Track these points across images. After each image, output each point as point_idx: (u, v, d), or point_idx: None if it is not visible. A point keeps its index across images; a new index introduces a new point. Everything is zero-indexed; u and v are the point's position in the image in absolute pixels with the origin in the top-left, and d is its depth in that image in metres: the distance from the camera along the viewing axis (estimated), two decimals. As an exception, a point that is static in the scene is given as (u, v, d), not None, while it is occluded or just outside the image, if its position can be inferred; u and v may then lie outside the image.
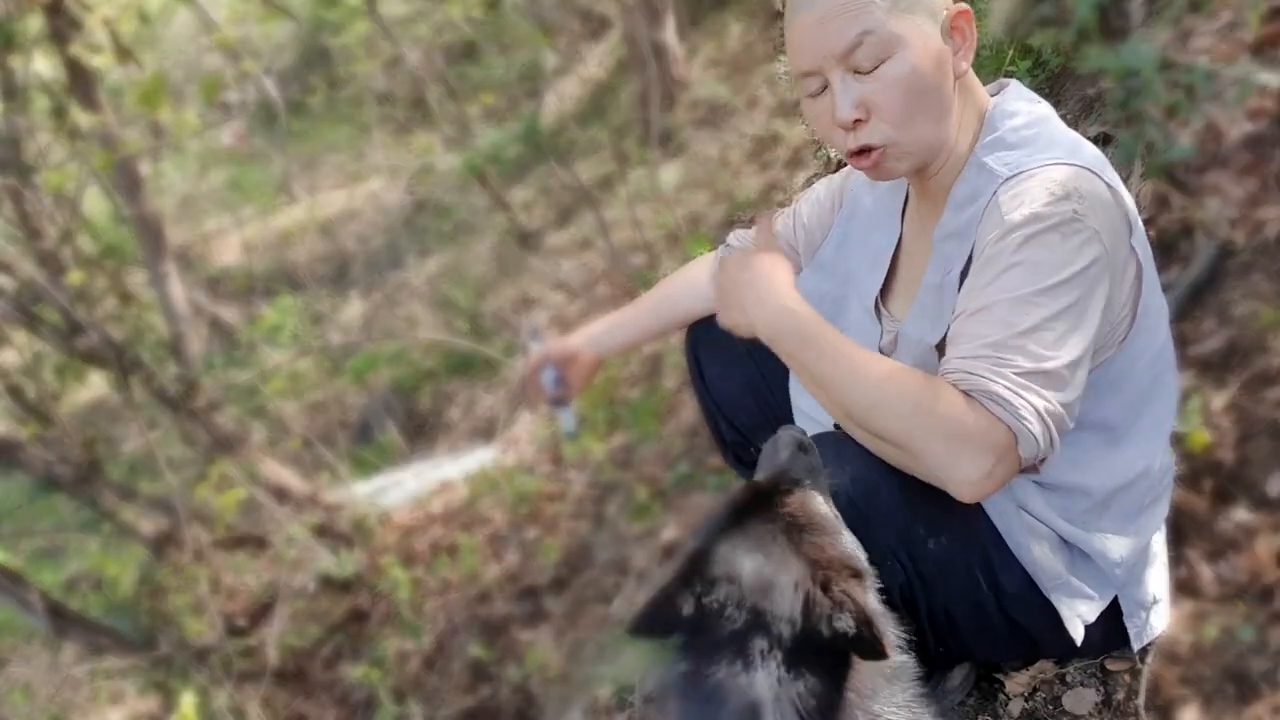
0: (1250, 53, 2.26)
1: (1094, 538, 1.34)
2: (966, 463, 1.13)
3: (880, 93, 1.24)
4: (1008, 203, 1.21)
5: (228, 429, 4.36)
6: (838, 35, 1.23)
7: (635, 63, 5.81)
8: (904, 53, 1.23)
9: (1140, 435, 1.35)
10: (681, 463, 3.29)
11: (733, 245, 1.73)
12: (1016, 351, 1.15)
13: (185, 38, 7.81)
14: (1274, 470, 1.72)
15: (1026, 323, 1.15)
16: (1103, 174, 1.23)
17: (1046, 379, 1.14)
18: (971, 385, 1.15)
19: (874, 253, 1.51)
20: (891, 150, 1.29)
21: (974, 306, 1.20)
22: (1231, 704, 1.47)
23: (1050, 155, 1.23)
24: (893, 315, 1.47)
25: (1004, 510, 1.31)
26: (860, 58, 1.23)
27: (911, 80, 1.24)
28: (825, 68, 1.26)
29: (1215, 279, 2.05)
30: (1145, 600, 1.43)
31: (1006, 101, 1.33)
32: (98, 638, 3.91)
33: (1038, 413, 1.13)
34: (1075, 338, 1.16)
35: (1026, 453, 1.15)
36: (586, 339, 1.77)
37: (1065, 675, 1.57)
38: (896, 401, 1.17)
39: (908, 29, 1.23)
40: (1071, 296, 1.15)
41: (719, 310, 1.39)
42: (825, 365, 1.22)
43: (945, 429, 1.14)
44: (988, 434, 1.13)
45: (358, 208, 7.16)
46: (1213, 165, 2.18)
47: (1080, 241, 1.16)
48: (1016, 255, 1.17)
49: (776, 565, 1.07)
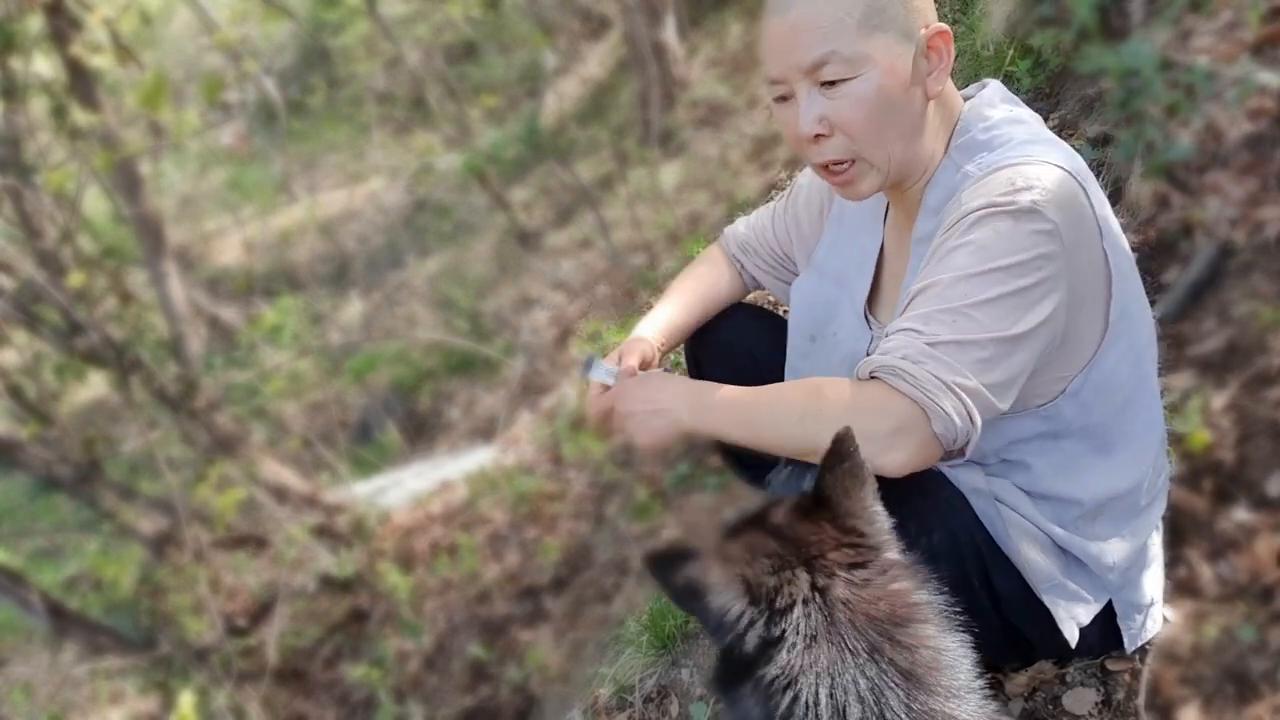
0: (1250, 53, 2.26)
1: (1088, 544, 1.34)
2: (866, 442, 1.11)
3: (844, 110, 1.23)
4: (969, 194, 1.20)
5: (228, 429, 4.36)
6: (805, 50, 1.21)
7: (635, 63, 5.81)
8: (870, 73, 1.21)
9: (1129, 441, 1.34)
10: (681, 463, 3.29)
11: (597, 369, 1.55)
12: (940, 324, 1.13)
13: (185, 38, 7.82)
14: (1274, 470, 1.72)
15: (960, 299, 1.13)
16: (1077, 175, 1.21)
17: (965, 351, 1.12)
18: (875, 365, 1.15)
19: (861, 255, 1.50)
20: (859, 167, 1.28)
21: (916, 288, 1.19)
22: (1231, 704, 1.47)
23: (1021, 153, 1.21)
24: (879, 320, 1.47)
25: (995, 514, 1.31)
26: (825, 74, 1.22)
27: (876, 101, 1.22)
28: (791, 78, 1.25)
29: (1215, 279, 2.05)
30: (1140, 603, 1.43)
31: (981, 104, 1.32)
32: (98, 637, 3.92)
33: (947, 386, 1.11)
34: (1013, 321, 1.13)
35: (940, 428, 1.12)
36: (650, 356, 1.61)
37: (1065, 675, 1.57)
38: (785, 417, 1.22)
39: (877, 49, 1.21)
40: (1015, 282, 1.13)
41: (639, 440, 1.37)
42: (732, 418, 1.27)
43: (836, 419, 1.14)
44: (877, 407, 1.13)
45: (358, 208, 7.16)
46: (1213, 165, 2.18)
47: (1033, 230, 1.13)
48: (964, 237, 1.16)
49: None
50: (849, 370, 1.48)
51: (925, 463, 1.17)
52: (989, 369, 1.13)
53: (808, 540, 1.02)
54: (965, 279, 1.14)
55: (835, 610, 0.97)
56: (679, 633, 2.00)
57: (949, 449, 1.17)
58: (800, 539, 1.03)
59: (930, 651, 0.97)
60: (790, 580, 0.99)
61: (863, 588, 1.00)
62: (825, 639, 0.96)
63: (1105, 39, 2.45)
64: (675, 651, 1.98)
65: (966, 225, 1.17)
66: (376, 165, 7.08)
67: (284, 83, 7.26)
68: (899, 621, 0.98)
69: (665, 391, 1.36)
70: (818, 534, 1.03)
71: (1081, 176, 1.22)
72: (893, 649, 0.96)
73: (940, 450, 1.16)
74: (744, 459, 1.76)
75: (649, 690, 1.95)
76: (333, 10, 6.77)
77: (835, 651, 0.95)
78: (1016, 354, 1.15)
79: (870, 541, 1.04)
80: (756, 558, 1.01)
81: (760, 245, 1.72)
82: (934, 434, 1.13)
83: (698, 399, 1.32)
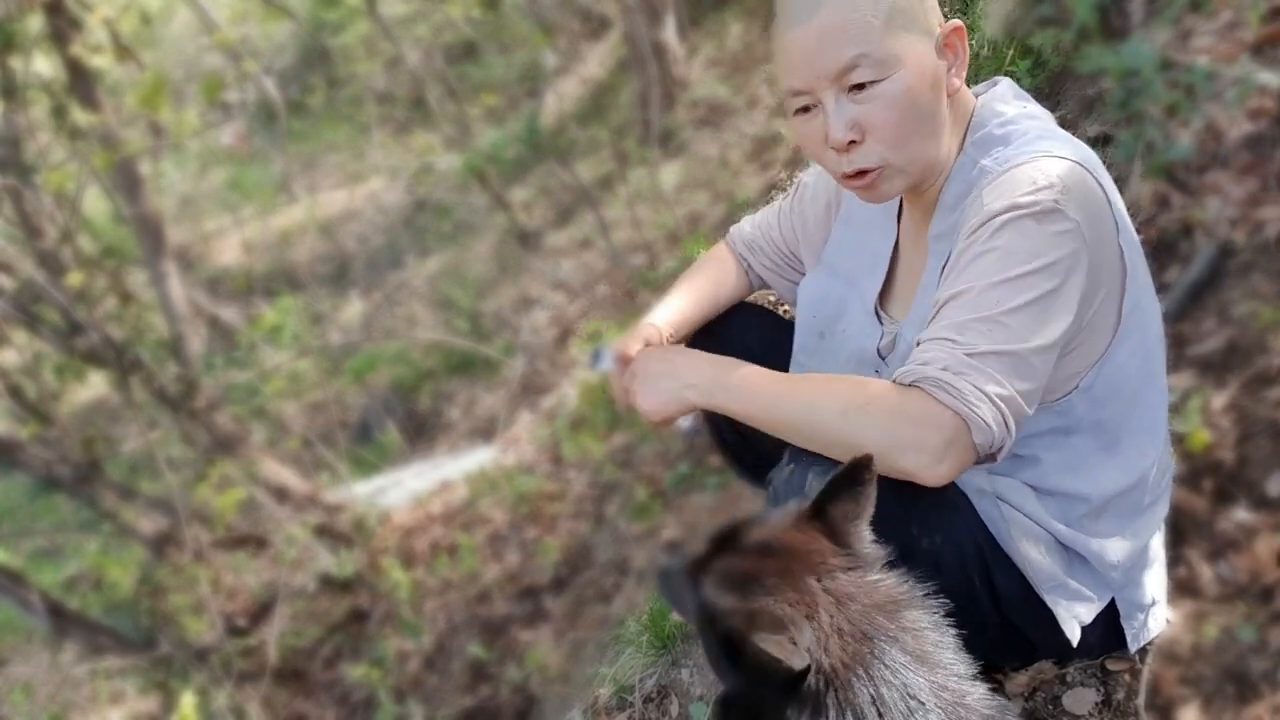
0: (1250, 53, 2.26)
1: (1091, 541, 1.34)
2: (917, 453, 1.13)
3: (876, 114, 1.22)
4: (990, 193, 1.20)
5: (228, 429, 4.36)
6: (834, 56, 1.20)
7: (635, 63, 5.81)
8: (900, 73, 1.21)
9: (1135, 437, 1.34)
10: (681, 463, 3.29)
11: (605, 359, 1.57)
12: (977, 334, 1.13)
13: (185, 38, 7.82)
14: (1274, 470, 1.73)
15: (992, 307, 1.14)
16: (1093, 170, 1.22)
17: (1002, 361, 1.13)
18: (917, 375, 1.15)
19: (872, 255, 1.50)
20: (886, 171, 1.27)
21: (946, 295, 1.19)
22: (1231, 704, 1.47)
23: (1038, 149, 1.22)
24: (892, 317, 1.47)
25: (996, 513, 1.31)
26: (855, 78, 1.20)
27: (907, 101, 1.22)
28: (818, 88, 1.23)
29: (1215, 279, 2.05)
30: (1143, 602, 1.43)
31: (994, 100, 1.32)
32: (98, 638, 3.92)
33: (987, 397, 1.11)
34: (1043, 326, 1.14)
35: (980, 439, 1.13)
36: (657, 340, 1.59)
37: (1065, 675, 1.57)
38: (825, 409, 1.20)
39: (904, 48, 1.21)
40: (1043, 286, 1.13)
41: (643, 404, 1.37)
42: (758, 400, 1.27)
43: (878, 422, 1.15)
44: (927, 419, 1.13)
45: (358, 208, 7.16)
46: (1213, 165, 2.18)
47: (1057, 231, 1.14)
48: (991, 242, 1.16)
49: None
50: (856, 367, 1.48)
51: (962, 472, 1.18)
52: (1023, 376, 1.14)
53: (808, 551, 1.04)
54: (995, 286, 1.14)
55: (847, 607, 0.99)
56: (679, 633, 2.00)
57: (983, 456, 1.18)
58: (799, 551, 1.04)
59: (933, 636, 1.00)
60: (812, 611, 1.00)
61: (862, 582, 1.03)
62: (846, 636, 0.98)
63: (1105, 39, 2.45)
64: (675, 651, 1.98)
65: (992, 230, 1.16)
66: (376, 165, 7.08)
67: (284, 83, 7.26)
68: (898, 608, 1.01)
69: (682, 360, 1.36)
70: (816, 546, 1.05)
71: (1097, 171, 1.23)
72: (900, 632, 0.98)
73: (975, 459, 1.17)
74: (744, 458, 1.76)
75: (649, 690, 1.95)
76: (333, 10, 6.78)
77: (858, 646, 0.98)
78: (1048, 358, 1.16)
79: (864, 561, 1.06)
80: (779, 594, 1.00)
81: (766, 244, 1.72)
82: (974, 444, 1.14)
83: (722, 374, 1.31)
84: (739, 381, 1.29)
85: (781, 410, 1.25)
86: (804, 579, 1.01)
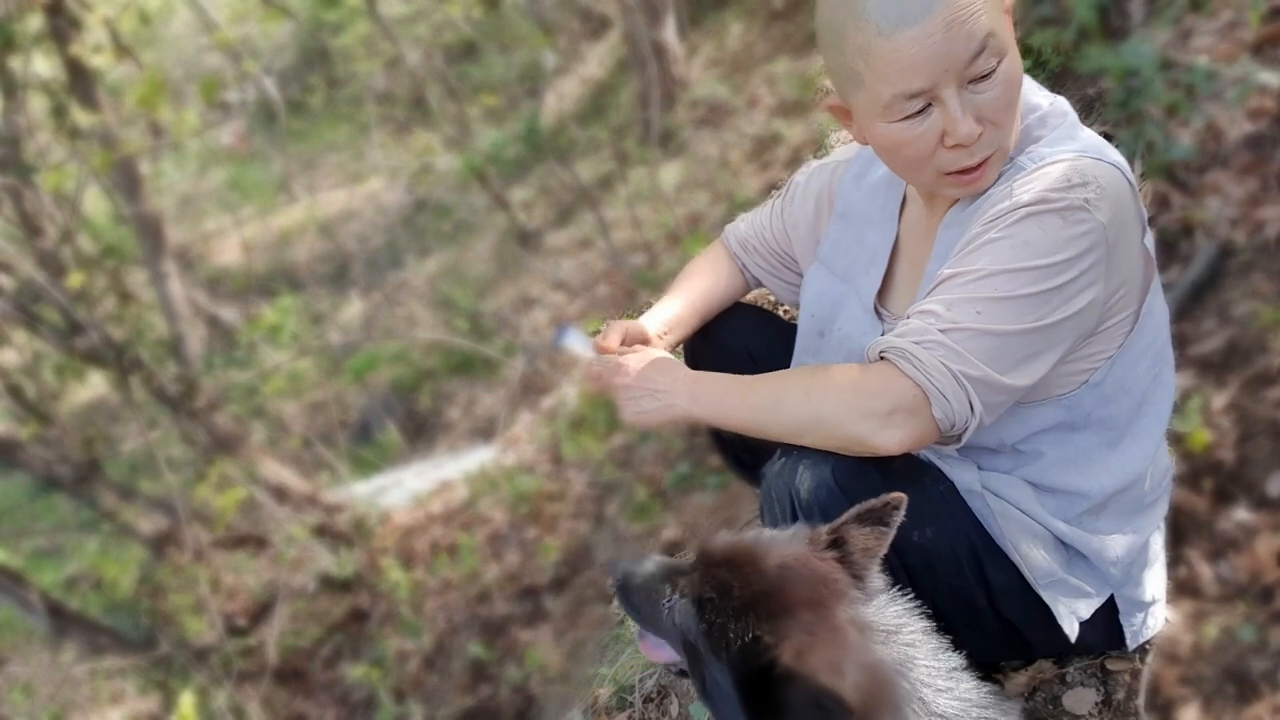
0: (1250, 53, 2.26)
1: (1091, 538, 1.34)
2: (865, 419, 1.15)
3: (994, 99, 1.18)
4: (1021, 185, 1.18)
5: (228, 429, 4.36)
6: (965, 41, 1.13)
7: (635, 62, 5.81)
8: (1011, 53, 1.18)
9: (1138, 435, 1.34)
10: (681, 463, 3.28)
11: (571, 337, 1.57)
12: (962, 311, 1.13)
13: (185, 38, 7.82)
14: (1274, 470, 1.73)
15: (990, 290, 1.13)
16: (1126, 173, 1.21)
17: (977, 340, 1.12)
18: (886, 345, 1.16)
19: (870, 252, 1.50)
20: (995, 157, 1.22)
21: (949, 272, 1.18)
22: (1231, 704, 1.47)
23: (1074, 147, 1.21)
24: (893, 314, 1.47)
25: (989, 509, 1.31)
26: (982, 65, 1.15)
27: (1015, 78, 1.19)
28: (941, 83, 1.15)
29: (1215, 279, 2.05)
30: (1142, 600, 1.43)
31: (1028, 91, 1.29)
32: (98, 637, 3.92)
33: (950, 372, 1.11)
34: (1041, 319, 1.13)
35: (939, 413, 1.13)
36: (638, 335, 1.60)
37: (1065, 675, 1.57)
38: (788, 393, 1.23)
39: (1005, 27, 1.18)
40: (1051, 281, 1.13)
41: (629, 419, 1.39)
42: (732, 400, 1.29)
43: (839, 396, 1.17)
44: (885, 388, 1.14)
45: (358, 208, 7.16)
46: (1213, 165, 2.18)
47: (1081, 232, 1.13)
48: (1010, 230, 1.15)
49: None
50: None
51: (921, 444, 1.19)
52: (1002, 359, 1.13)
53: (833, 580, 1.04)
54: (1001, 273, 1.13)
55: (876, 639, 1.01)
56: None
57: (947, 434, 1.18)
58: (825, 579, 1.04)
59: (948, 665, 1.03)
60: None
61: (881, 614, 1.05)
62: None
63: (1105, 39, 2.45)
64: (675, 651, 1.98)
65: (1015, 218, 1.15)
66: (376, 165, 7.07)
67: (284, 83, 7.26)
68: (916, 640, 1.03)
69: (665, 376, 1.37)
70: (836, 575, 1.05)
71: (1129, 174, 1.23)
72: (924, 669, 1.00)
73: (938, 433, 1.18)
74: (742, 458, 1.76)
75: (649, 690, 1.95)
76: (333, 10, 6.77)
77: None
78: (1034, 345, 1.15)
79: (874, 595, 1.07)
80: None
81: (760, 244, 1.72)
82: (933, 418, 1.14)
83: (696, 386, 1.33)
84: (715, 386, 1.32)
85: (753, 404, 1.27)
86: (834, 609, 1.00)
